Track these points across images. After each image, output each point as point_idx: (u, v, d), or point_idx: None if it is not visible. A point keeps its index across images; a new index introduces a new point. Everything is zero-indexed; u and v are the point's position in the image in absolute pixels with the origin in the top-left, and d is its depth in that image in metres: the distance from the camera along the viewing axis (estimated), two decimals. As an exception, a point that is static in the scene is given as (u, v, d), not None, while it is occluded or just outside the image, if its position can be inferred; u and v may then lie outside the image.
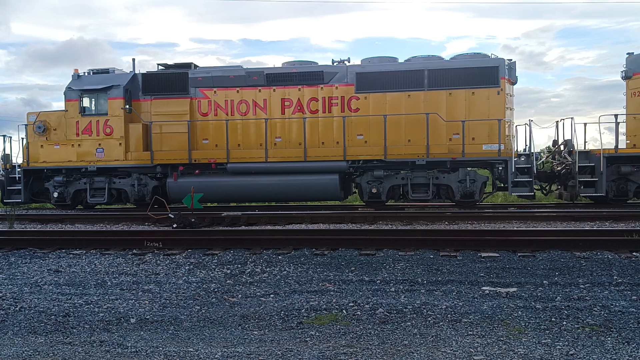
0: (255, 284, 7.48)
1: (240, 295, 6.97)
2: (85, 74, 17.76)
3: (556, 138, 16.63)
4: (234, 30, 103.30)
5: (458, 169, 15.83)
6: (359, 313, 6.08)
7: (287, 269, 8.22)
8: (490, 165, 15.98)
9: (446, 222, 12.97)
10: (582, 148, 15.55)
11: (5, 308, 6.56)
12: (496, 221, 12.92)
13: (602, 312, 5.86)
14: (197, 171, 16.81)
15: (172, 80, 17.15)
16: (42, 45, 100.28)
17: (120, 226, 13.69)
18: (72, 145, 17.22)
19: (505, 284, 7.10)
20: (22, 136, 17.68)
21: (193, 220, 12.34)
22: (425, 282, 7.30)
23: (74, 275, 8.17)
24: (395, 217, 13.64)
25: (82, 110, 17.27)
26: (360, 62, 16.69)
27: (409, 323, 5.73)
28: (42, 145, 17.45)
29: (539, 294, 6.60)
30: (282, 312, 6.20)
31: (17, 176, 17.44)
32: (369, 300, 6.52)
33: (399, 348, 4.99)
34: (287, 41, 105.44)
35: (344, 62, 16.74)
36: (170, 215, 13.23)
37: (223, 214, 13.99)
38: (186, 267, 8.49)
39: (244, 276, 7.90)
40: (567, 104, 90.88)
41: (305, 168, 16.13)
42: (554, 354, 4.74)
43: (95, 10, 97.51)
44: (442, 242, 9.19)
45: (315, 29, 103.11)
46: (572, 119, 15.66)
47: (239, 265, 8.47)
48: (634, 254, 8.36)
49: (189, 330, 5.77)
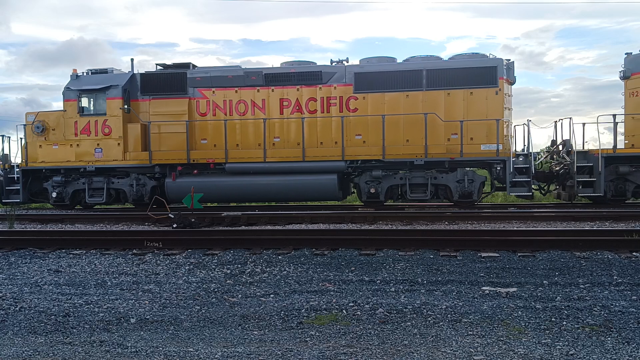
0: (255, 284, 7.48)
1: (240, 295, 6.97)
2: (84, 74, 17.77)
3: (555, 138, 16.68)
4: (234, 30, 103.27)
5: (456, 169, 15.85)
6: (359, 313, 6.08)
7: (287, 269, 8.22)
8: (489, 165, 15.98)
9: (446, 222, 12.98)
10: (580, 148, 15.59)
11: (5, 308, 6.55)
12: (496, 221, 12.91)
13: (602, 312, 5.87)
14: (195, 171, 16.80)
15: (171, 81, 17.15)
16: (42, 45, 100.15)
17: (120, 226, 13.68)
18: (71, 145, 17.22)
19: (505, 284, 7.11)
20: (21, 136, 17.71)
21: (193, 220, 12.33)
22: (425, 282, 7.30)
23: (74, 275, 8.17)
24: (395, 217, 13.64)
25: (81, 110, 17.27)
26: (359, 62, 16.68)
27: (409, 323, 5.73)
28: (40, 145, 17.46)
29: (539, 294, 6.61)
30: (282, 312, 6.20)
31: (16, 176, 17.46)
32: (369, 300, 6.52)
33: (399, 348, 5.00)
34: (287, 41, 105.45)
35: (343, 62, 16.74)
36: (170, 215, 13.22)
37: (223, 214, 13.98)
38: (186, 267, 8.49)
39: (244, 276, 7.90)
40: (567, 104, 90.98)
41: (303, 168, 16.14)
42: (554, 354, 4.74)
43: (95, 10, 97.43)
44: (442, 242, 9.19)
45: (315, 29, 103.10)
46: (570, 119, 15.74)
47: (239, 265, 8.47)
48: (634, 254, 8.37)
49: (189, 330, 5.77)
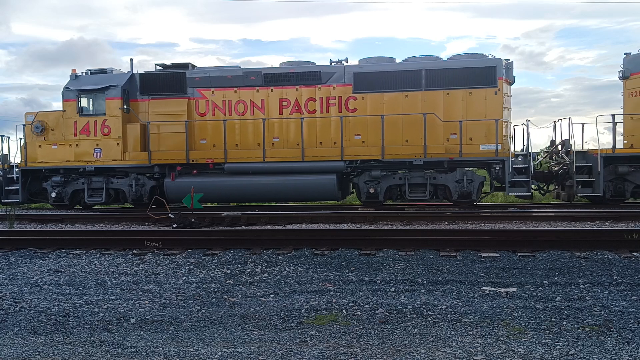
0: (255, 284, 7.48)
1: (240, 295, 6.97)
2: (83, 74, 17.76)
3: (554, 138, 16.69)
4: (234, 30, 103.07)
5: (455, 169, 15.85)
6: (359, 313, 6.08)
7: (287, 269, 8.22)
8: (488, 165, 15.98)
9: (446, 222, 12.98)
10: (579, 148, 15.60)
11: (5, 308, 6.55)
12: (496, 221, 12.92)
13: (602, 312, 5.87)
14: (194, 171, 16.79)
15: (170, 81, 17.14)
16: (42, 45, 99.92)
17: (120, 226, 13.67)
18: (70, 145, 17.21)
19: (505, 284, 7.11)
20: (20, 136, 17.70)
21: (193, 220, 12.33)
22: (425, 282, 7.31)
23: (74, 275, 8.16)
24: (395, 217, 13.64)
25: (80, 110, 17.26)
26: (358, 62, 16.67)
27: (409, 323, 5.74)
28: (40, 145, 17.44)
29: (539, 294, 6.61)
30: (282, 312, 6.20)
31: (15, 176, 17.44)
32: (369, 300, 6.52)
33: (399, 348, 5.00)
34: (287, 41, 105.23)
35: (342, 62, 16.74)
36: (170, 215, 13.21)
37: (223, 214, 13.98)
38: (186, 267, 8.49)
39: (244, 276, 7.90)
40: (567, 104, 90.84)
41: (302, 168, 16.13)
42: (554, 354, 4.75)
43: (95, 10, 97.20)
44: (442, 242, 9.19)
45: (315, 29, 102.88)
46: (569, 119, 15.74)
47: (239, 265, 8.47)
48: (634, 254, 8.37)
49: (189, 330, 5.77)
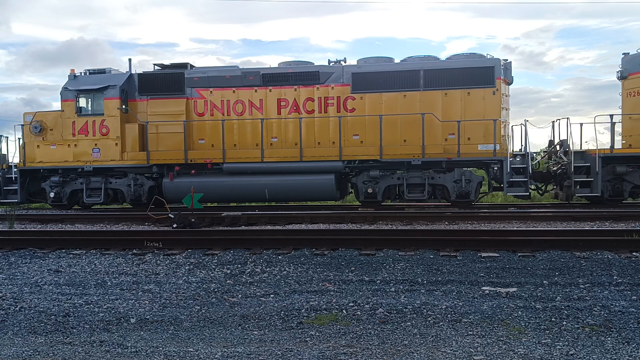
0: (255, 284, 7.48)
1: (240, 295, 6.97)
2: (82, 74, 17.74)
3: (552, 138, 16.71)
4: (234, 30, 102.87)
5: (454, 169, 15.85)
6: (359, 313, 6.09)
7: (287, 269, 8.22)
8: (486, 166, 16.00)
9: (446, 222, 12.99)
10: (578, 148, 15.62)
11: (5, 308, 6.54)
12: (496, 221, 12.92)
13: (602, 312, 5.88)
14: (193, 171, 16.78)
15: (168, 81, 17.13)
16: (42, 45, 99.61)
17: (120, 226, 13.66)
18: (69, 145, 17.20)
19: (505, 284, 7.12)
20: (19, 136, 17.70)
21: (193, 220, 12.32)
22: (425, 282, 7.31)
23: (74, 275, 8.15)
24: (395, 217, 13.64)
25: (79, 110, 17.24)
26: (357, 62, 16.68)
27: (409, 323, 5.74)
28: (38, 145, 17.43)
29: (539, 294, 6.62)
30: (282, 312, 6.20)
31: (14, 176, 17.42)
32: (369, 300, 6.52)
33: (399, 348, 5.00)
34: (287, 41, 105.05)
35: (340, 62, 16.74)
36: (170, 215, 13.20)
37: (223, 214, 13.97)
38: (186, 267, 8.48)
39: (244, 276, 7.90)
40: (567, 104, 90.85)
41: (301, 168, 16.13)
42: (554, 354, 4.75)
43: (95, 10, 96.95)
44: (442, 242, 9.20)
45: (315, 29, 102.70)
46: (567, 119, 15.77)
47: (239, 265, 8.47)
48: (634, 254, 8.38)
49: (189, 330, 5.77)
